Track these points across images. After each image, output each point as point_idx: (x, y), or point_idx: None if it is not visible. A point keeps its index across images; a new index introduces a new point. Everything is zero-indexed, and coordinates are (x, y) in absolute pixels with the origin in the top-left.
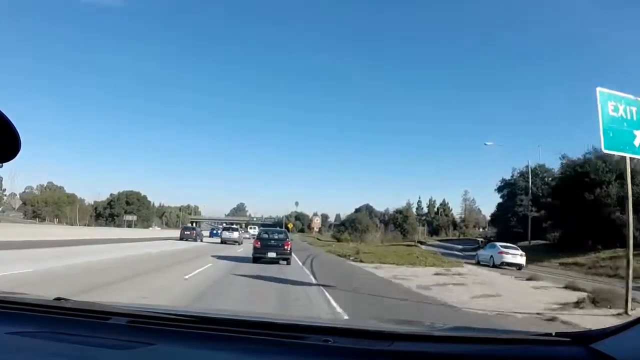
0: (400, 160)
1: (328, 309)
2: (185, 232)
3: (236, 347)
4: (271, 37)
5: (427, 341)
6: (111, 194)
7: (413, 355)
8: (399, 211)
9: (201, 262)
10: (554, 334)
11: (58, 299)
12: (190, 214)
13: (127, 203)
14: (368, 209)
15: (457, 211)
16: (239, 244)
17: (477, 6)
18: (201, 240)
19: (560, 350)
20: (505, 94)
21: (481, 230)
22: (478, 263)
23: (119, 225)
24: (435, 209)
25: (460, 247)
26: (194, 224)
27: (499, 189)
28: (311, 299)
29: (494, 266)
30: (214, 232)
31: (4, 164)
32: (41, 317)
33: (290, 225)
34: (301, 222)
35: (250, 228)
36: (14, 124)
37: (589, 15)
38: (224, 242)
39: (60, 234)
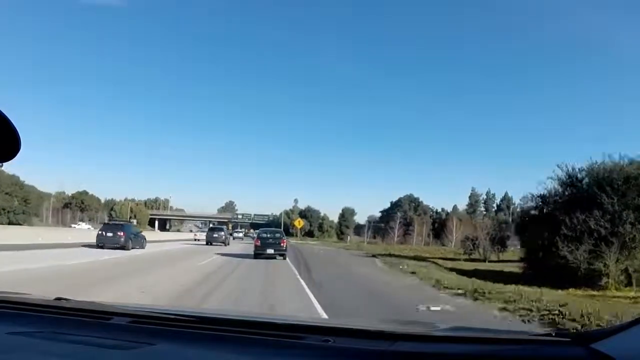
0: (409, 147)
1: None
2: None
3: (236, 347)
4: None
5: (427, 341)
6: None
7: (413, 356)
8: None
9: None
10: (554, 334)
11: (58, 298)
12: (157, 208)
13: None
14: (413, 201)
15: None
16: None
17: None
18: None
19: (560, 350)
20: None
21: None
22: None
23: None
24: (495, 206)
25: None
26: (166, 223)
27: None
28: None
29: None
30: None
31: (4, 163)
32: (42, 317)
33: (299, 224)
34: (309, 222)
35: (236, 232)
36: (14, 123)
37: None
38: (234, 238)
39: None
